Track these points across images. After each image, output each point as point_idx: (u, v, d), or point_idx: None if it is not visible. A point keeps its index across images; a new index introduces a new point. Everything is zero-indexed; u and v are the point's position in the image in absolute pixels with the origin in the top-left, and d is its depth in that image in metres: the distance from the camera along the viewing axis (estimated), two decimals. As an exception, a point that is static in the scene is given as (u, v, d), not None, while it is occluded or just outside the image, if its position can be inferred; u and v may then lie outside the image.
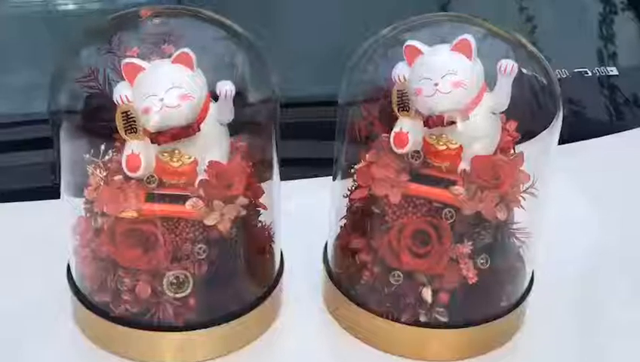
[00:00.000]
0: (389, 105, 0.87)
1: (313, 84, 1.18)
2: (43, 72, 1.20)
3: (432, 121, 0.84)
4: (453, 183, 0.85)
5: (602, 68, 1.33)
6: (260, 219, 0.90)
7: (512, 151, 0.89)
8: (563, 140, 0.92)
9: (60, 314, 0.91)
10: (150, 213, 0.84)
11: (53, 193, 1.05)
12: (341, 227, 0.93)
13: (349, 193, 0.91)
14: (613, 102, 1.32)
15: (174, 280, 0.85)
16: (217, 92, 0.82)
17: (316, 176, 1.06)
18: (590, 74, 1.31)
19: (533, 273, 0.93)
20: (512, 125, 0.89)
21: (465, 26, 0.89)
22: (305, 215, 0.98)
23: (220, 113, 0.83)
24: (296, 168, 1.00)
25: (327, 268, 0.94)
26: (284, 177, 0.93)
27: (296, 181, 1.01)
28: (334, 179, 0.93)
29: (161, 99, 0.81)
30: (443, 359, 0.90)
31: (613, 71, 1.34)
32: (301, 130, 1.06)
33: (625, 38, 1.40)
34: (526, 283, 0.92)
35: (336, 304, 0.93)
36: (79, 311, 0.89)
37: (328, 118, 0.98)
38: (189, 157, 0.84)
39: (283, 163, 0.92)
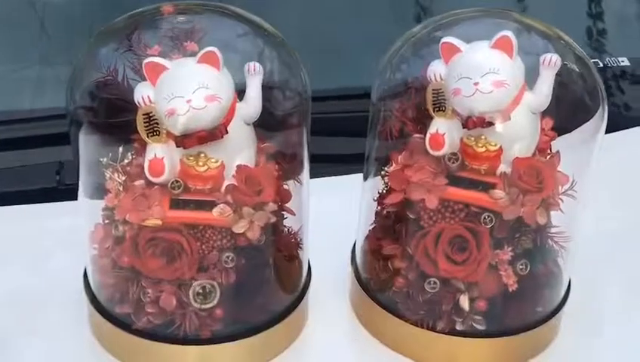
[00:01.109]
0: (423, 104, 0.83)
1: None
2: (31, 63, 1.16)
3: (472, 122, 0.79)
4: (492, 186, 0.81)
5: (613, 58, 1.29)
6: (285, 224, 0.86)
7: (548, 151, 0.85)
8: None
9: (77, 324, 0.87)
10: (175, 220, 0.79)
11: (59, 195, 1.02)
12: (371, 231, 0.89)
13: (378, 196, 0.87)
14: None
15: (200, 291, 0.80)
16: (245, 71, 0.78)
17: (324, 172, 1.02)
18: (602, 65, 1.27)
19: (570, 280, 0.89)
20: (548, 123, 0.85)
21: (499, 21, 0.84)
22: (330, 215, 0.94)
23: (248, 104, 0.79)
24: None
25: (356, 272, 0.90)
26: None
27: (320, 179, 0.97)
28: (365, 179, 0.89)
29: (188, 101, 0.76)
30: (479, 369, 0.86)
31: (624, 61, 1.30)
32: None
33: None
34: (563, 290, 0.89)
35: (365, 310, 0.89)
36: (97, 323, 0.85)
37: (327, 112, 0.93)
38: (216, 161, 0.80)
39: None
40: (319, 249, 0.90)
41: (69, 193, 1.02)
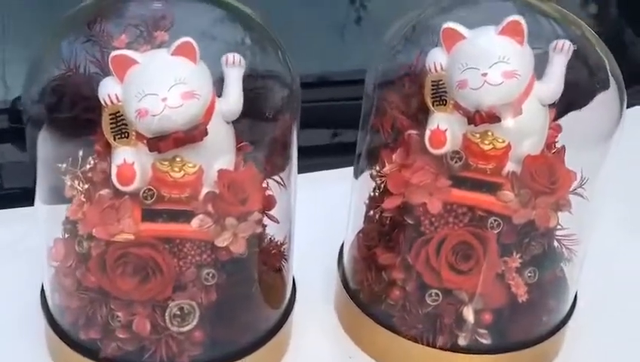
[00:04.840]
0: (419, 97, 0.75)
1: None
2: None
3: (480, 118, 0.71)
4: (499, 188, 0.73)
5: None
6: (266, 232, 0.77)
7: (554, 146, 0.78)
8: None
9: (35, 353, 0.78)
10: (149, 233, 0.70)
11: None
12: (361, 237, 0.81)
13: (370, 199, 0.79)
14: None
15: (178, 312, 0.71)
16: (224, 63, 0.69)
17: None
18: None
19: (576, 292, 0.82)
20: (552, 114, 0.77)
21: (502, 3, 0.76)
22: (313, 215, 0.85)
23: (228, 100, 0.70)
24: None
25: (344, 283, 0.82)
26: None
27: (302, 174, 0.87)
28: (357, 177, 0.80)
29: (164, 99, 0.67)
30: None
31: None
32: None
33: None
34: (570, 300, 0.81)
35: (354, 323, 0.81)
36: (59, 350, 0.75)
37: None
38: (193, 166, 0.70)
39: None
40: (302, 253, 0.81)
41: (9, 199, 0.93)
